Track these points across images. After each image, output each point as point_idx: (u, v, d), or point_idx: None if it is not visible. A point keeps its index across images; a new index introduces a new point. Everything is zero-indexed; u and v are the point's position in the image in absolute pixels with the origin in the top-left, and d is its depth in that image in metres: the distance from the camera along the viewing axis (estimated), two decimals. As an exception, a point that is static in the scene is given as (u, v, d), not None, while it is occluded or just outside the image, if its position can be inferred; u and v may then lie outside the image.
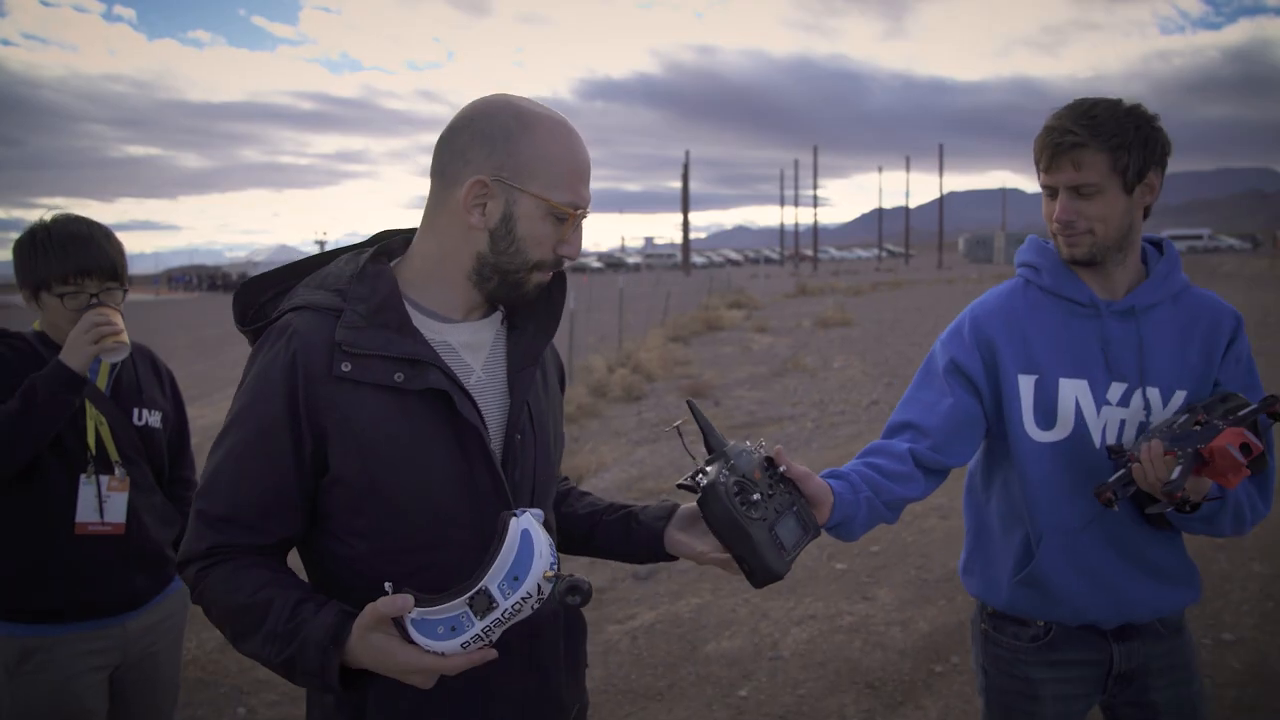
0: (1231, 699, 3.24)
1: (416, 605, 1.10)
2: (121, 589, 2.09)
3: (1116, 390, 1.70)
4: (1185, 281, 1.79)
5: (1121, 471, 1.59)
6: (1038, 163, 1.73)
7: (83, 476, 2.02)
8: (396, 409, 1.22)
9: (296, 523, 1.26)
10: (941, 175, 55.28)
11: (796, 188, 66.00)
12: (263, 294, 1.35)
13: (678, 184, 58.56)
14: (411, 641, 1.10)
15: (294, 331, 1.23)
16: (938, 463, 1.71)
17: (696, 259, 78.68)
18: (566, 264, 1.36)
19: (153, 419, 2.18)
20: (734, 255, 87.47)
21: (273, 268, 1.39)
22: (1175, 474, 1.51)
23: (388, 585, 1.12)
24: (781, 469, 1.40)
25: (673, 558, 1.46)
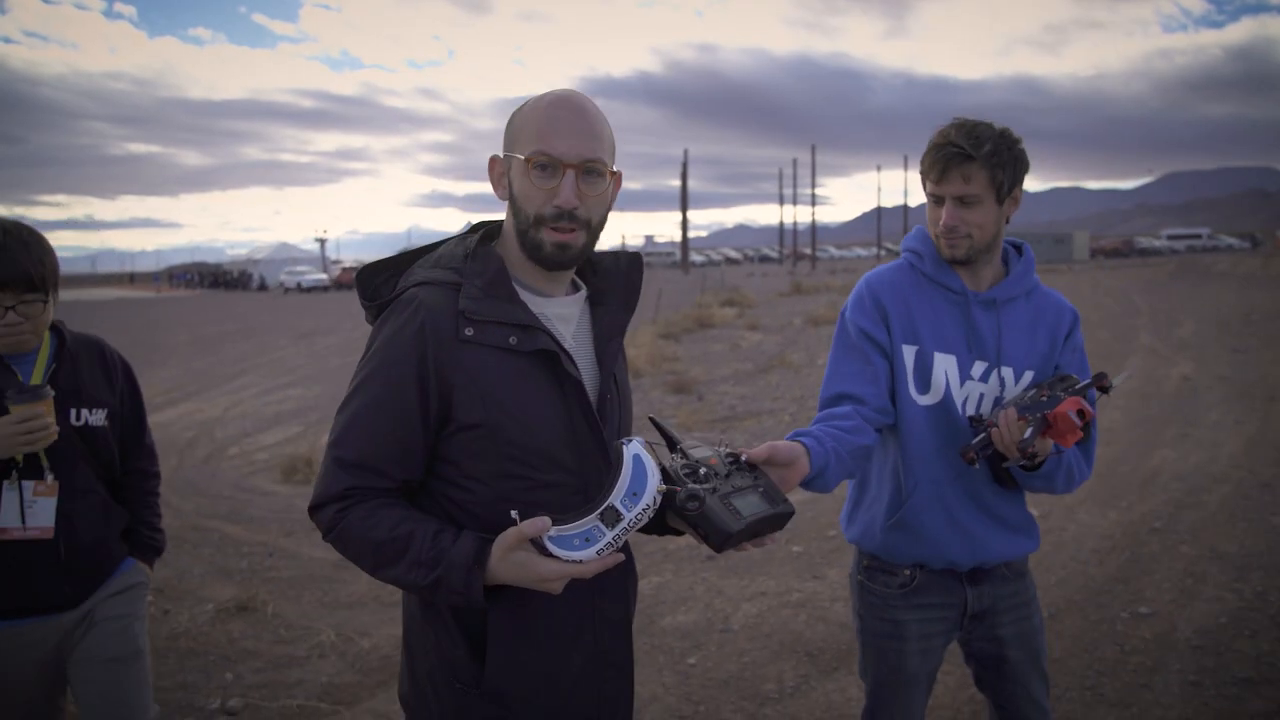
0: (1134, 664, 3.52)
1: (553, 525, 1.30)
2: (48, 592, 2.08)
3: (979, 368, 1.99)
4: (1036, 281, 2.09)
5: (982, 435, 1.89)
6: (927, 174, 1.99)
7: (5, 483, 2.01)
8: (512, 367, 1.41)
9: (418, 469, 1.44)
10: (939, 174, 55.32)
11: (795, 186, 66.16)
12: (379, 276, 1.54)
13: (678, 182, 58.73)
14: (548, 555, 1.29)
15: (421, 303, 1.42)
16: (881, 422, 1.96)
17: (696, 257, 78.84)
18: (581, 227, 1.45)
19: (94, 417, 2.16)
20: (733, 254, 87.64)
21: (389, 255, 1.60)
22: (1027, 434, 1.81)
23: (514, 513, 1.31)
24: (743, 458, 1.52)
25: (676, 531, 1.56)
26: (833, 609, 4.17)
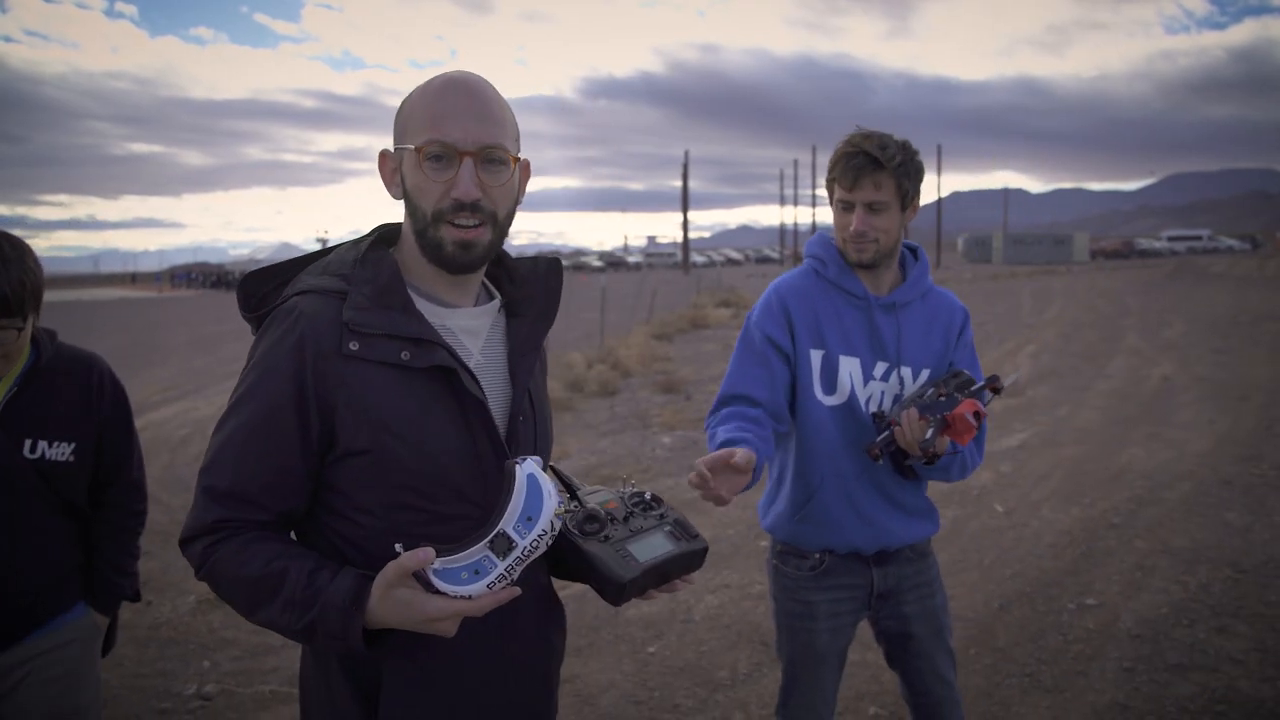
0: (1075, 652, 3.65)
1: (438, 556, 1.16)
2: None
3: (880, 368, 2.13)
4: (931, 283, 2.23)
5: (886, 433, 2.02)
6: (838, 180, 2.11)
7: None
8: (403, 386, 1.26)
9: (299, 499, 1.29)
10: (940, 176, 55.51)
11: (796, 187, 66.20)
12: (266, 284, 1.37)
13: (680, 183, 58.86)
14: (435, 592, 1.16)
15: (301, 313, 1.27)
16: (775, 426, 2.07)
17: (697, 258, 78.97)
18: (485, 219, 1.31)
19: (55, 451, 1.95)
20: (735, 254, 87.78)
21: (275, 262, 1.42)
22: (929, 434, 1.95)
23: (398, 546, 1.16)
24: (647, 495, 1.43)
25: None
26: (792, 600, 4.30)
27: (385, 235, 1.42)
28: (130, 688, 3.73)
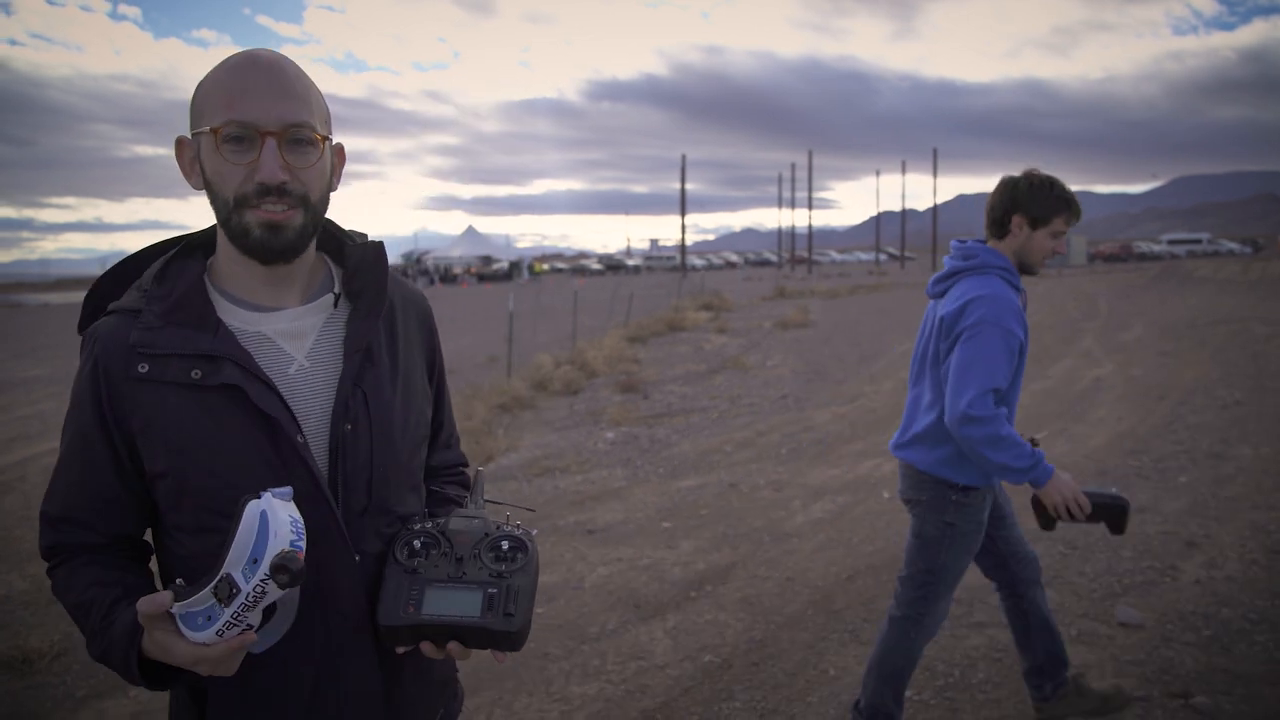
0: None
1: (176, 599, 1.12)
2: None
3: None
4: None
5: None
6: (1066, 217, 2.79)
7: None
8: (197, 406, 1.22)
9: (128, 521, 1.30)
10: (935, 178, 56.03)
11: (793, 190, 66.70)
12: (108, 296, 1.34)
13: (686, 186, 59.36)
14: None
15: (97, 338, 1.26)
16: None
17: (697, 261, 79.53)
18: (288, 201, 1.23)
19: None
20: (734, 258, 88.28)
21: (113, 264, 1.38)
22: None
23: (178, 580, 1.15)
24: (505, 545, 1.30)
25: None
26: (670, 571, 4.86)
27: (204, 238, 1.38)
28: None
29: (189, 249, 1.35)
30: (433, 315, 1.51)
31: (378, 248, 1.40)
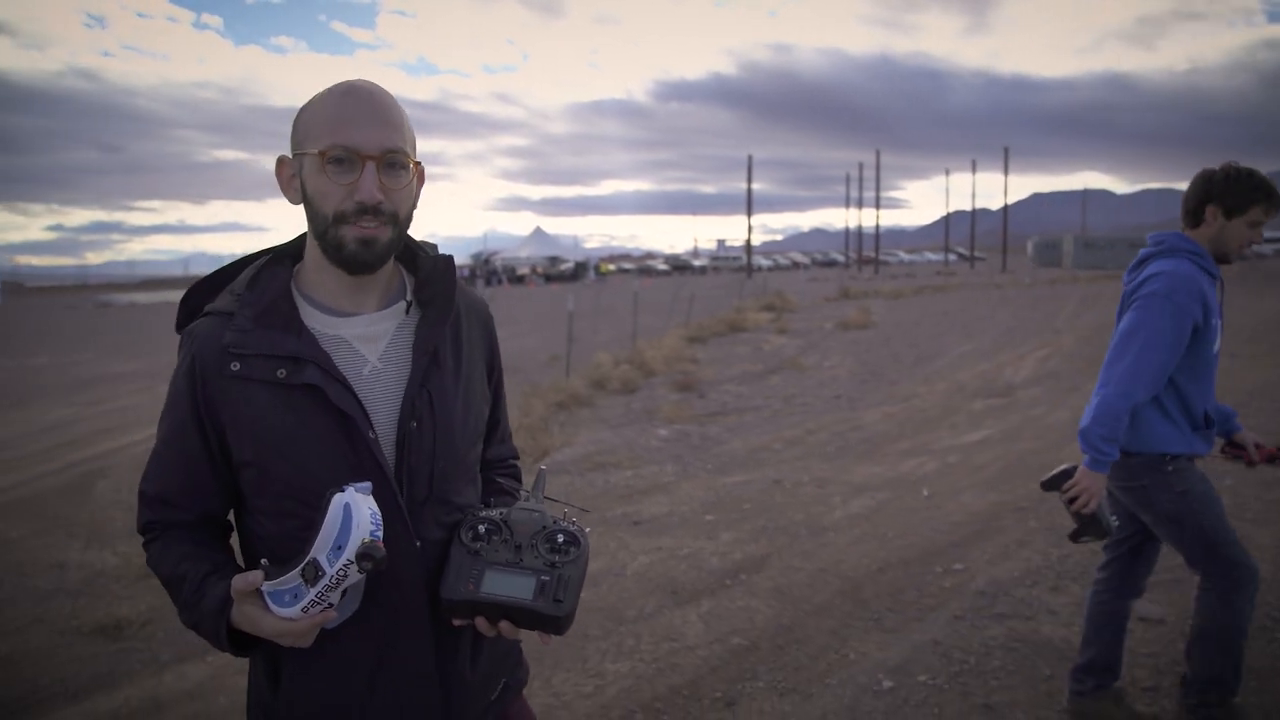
0: (923, 604, 4.36)
1: (266, 579, 1.26)
2: None
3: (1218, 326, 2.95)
4: None
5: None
6: (1264, 207, 2.89)
7: None
8: (281, 402, 1.35)
9: (216, 502, 1.44)
10: (1006, 176, 54.91)
11: (862, 189, 66.09)
12: (205, 298, 1.47)
13: (753, 185, 59.35)
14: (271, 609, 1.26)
15: (195, 337, 1.39)
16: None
17: (763, 261, 79.27)
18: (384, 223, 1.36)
19: None
20: (801, 258, 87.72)
21: (211, 272, 1.51)
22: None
23: (264, 560, 1.29)
24: (560, 539, 1.40)
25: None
26: (709, 561, 5.09)
27: (283, 252, 1.50)
28: (174, 612, 4.70)
29: (279, 258, 1.49)
30: (493, 320, 1.64)
31: (447, 260, 1.52)
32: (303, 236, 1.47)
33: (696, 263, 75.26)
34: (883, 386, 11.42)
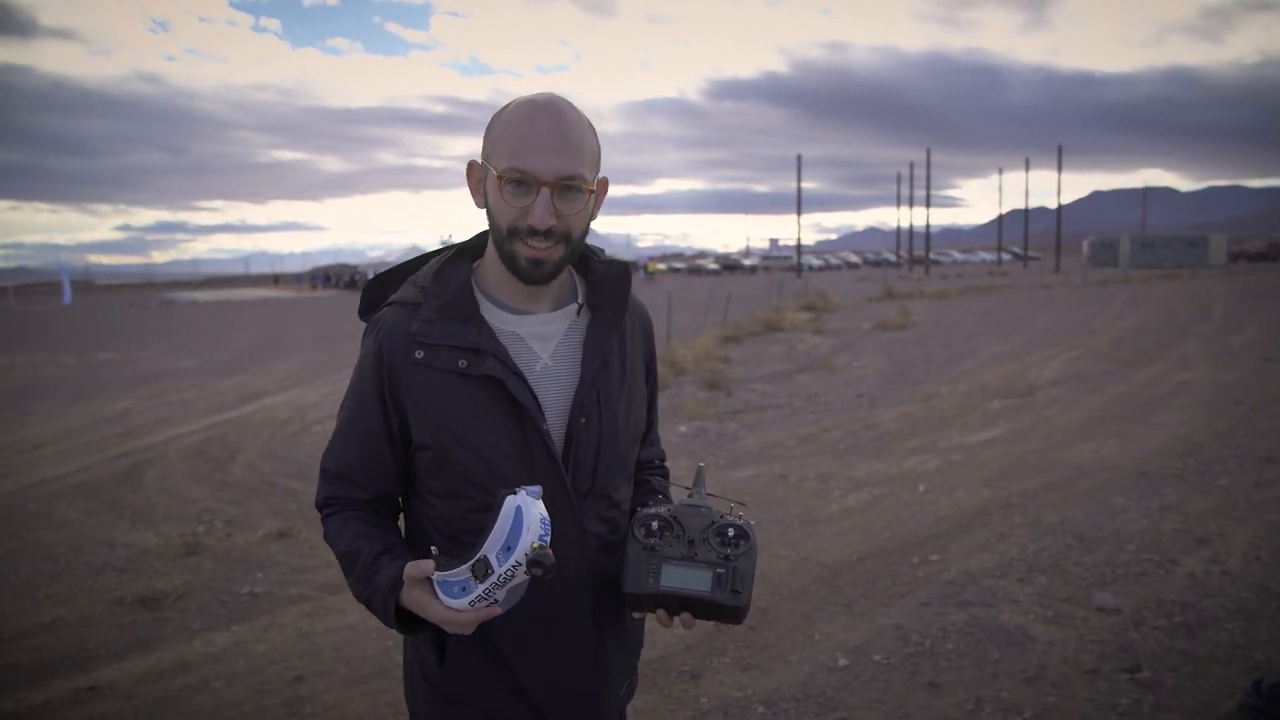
0: (893, 590, 4.61)
1: (437, 569, 1.30)
2: None
3: None
4: None
5: None
6: None
7: None
8: (462, 391, 1.42)
9: (392, 482, 1.51)
10: (1060, 175, 54.09)
11: (912, 188, 65.44)
12: (386, 289, 1.55)
13: (805, 184, 59.29)
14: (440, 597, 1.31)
15: (382, 324, 1.47)
16: None
17: (814, 261, 78.94)
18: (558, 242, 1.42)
19: None
20: (853, 258, 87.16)
21: (392, 265, 1.61)
22: None
23: (433, 548, 1.35)
24: (730, 532, 1.44)
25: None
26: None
27: (474, 246, 1.57)
28: (206, 588, 5.15)
29: (460, 254, 1.56)
30: (652, 326, 1.71)
31: (622, 267, 1.59)
32: (483, 235, 1.54)
33: (747, 262, 75.25)
34: (907, 387, 11.57)
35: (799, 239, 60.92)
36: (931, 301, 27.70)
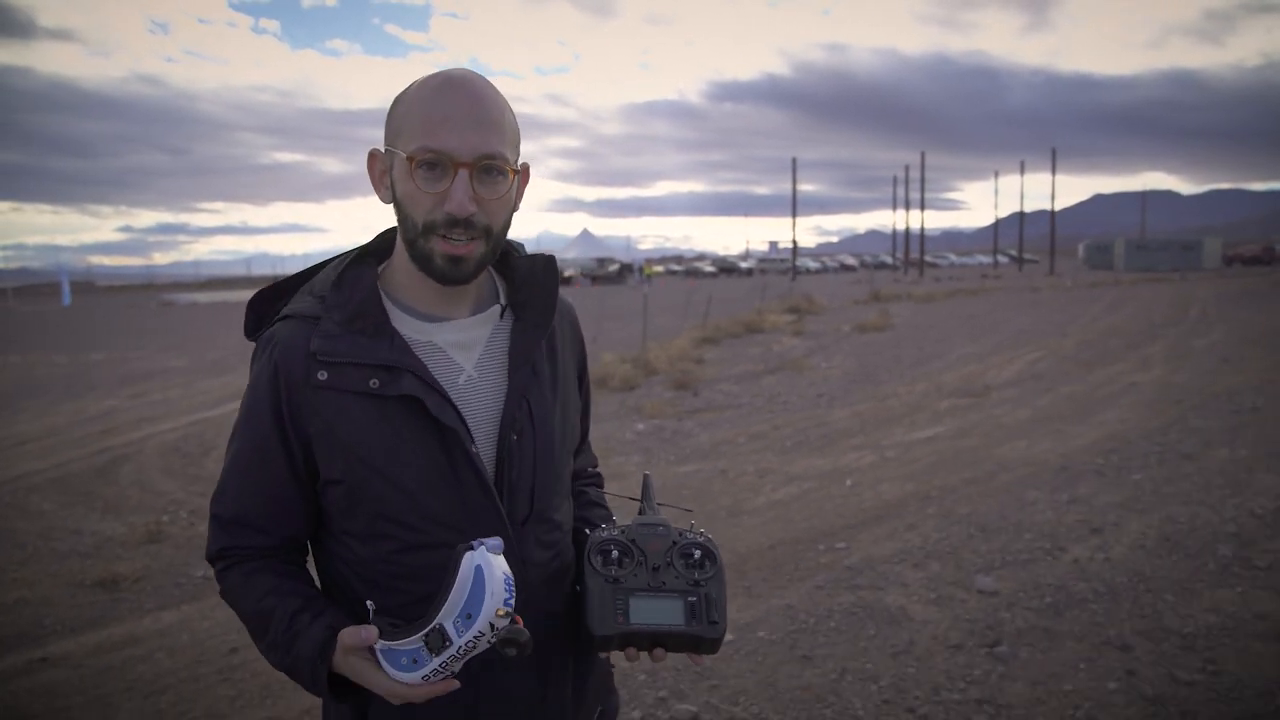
0: (796, 574, 4.95)
1: (382, 636, 1.15)
2: None
3: None
4: None
5: None
6: None
7: None
8: (376, 414, 1.24)
9: (299, 524, 1.32)
10: (1054, 177, 54.41)
11: (909, 190, 65.74)
12: (277, 303, 1.37)
13: (807, 187, 59.69)
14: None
15: (276, 342, 1.27)
16: None
17: (811, 264, 79.28)
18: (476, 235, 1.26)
19: None
20: (851, 260, 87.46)
21: (284, 277, 1.40)
22: None
23: (369, 604, 1.18)
24: (696, 554, 1.33)
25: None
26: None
27: (378, 247, 1.40)
28: (163, 572, 5.49)
29: (360, 257, 1.38)
30: (579, 325, 1.55)
31: (547, 261, 1.42)
32: (388, 234, 1.40)
33: (743, 265, 75.58)
34: (869, 387, 11.90)
35: (794, 240, 61.29)
36: (917, 304, 28.03)
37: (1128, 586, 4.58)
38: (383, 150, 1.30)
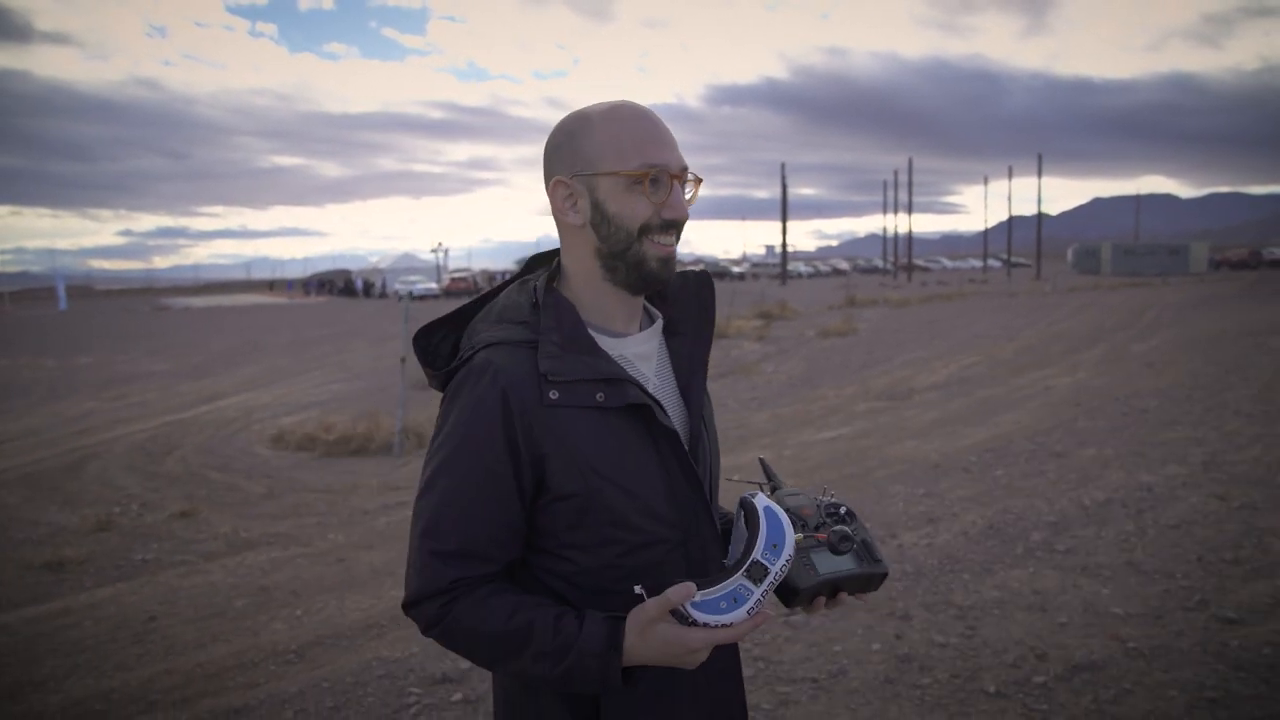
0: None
1: (700, 589, 1.24)
2: None
3: None
4: None
5: None
6: None
7: None
8: (603, 426, 1.33)
9: (519, 546, 1.37)
10: (1040, 181, 55.04)
11: (897, 193, 66.32)
12: (434, 337, 1.46)
13: (806, 190, 60.28)
14: (691, 624, 1.23)
15: (497, 368, 1.32)
16: None
17: (803, 268, 79.94)
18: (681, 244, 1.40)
19: None
20: (843, 265, 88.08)
21: (445, 313, 1.48)
22: None
23: (639, 588, 1.25)
24: (842, 509, 1.48)
25: None
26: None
27: (548, 273, 1.46)
28: (107, 555, 6.16)
29: (549, 282, 1.44)
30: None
31: (702, 277, 1.53)
32: (544, 263, 1.50)
33: (736, 269, 76.23)
34: (804, 391, 12.55)
35: (784, 245, 61.90)
36: (892, 309, 28.59)
37: (936, 568, 5.23)
38: (567, 179, 1.39)
